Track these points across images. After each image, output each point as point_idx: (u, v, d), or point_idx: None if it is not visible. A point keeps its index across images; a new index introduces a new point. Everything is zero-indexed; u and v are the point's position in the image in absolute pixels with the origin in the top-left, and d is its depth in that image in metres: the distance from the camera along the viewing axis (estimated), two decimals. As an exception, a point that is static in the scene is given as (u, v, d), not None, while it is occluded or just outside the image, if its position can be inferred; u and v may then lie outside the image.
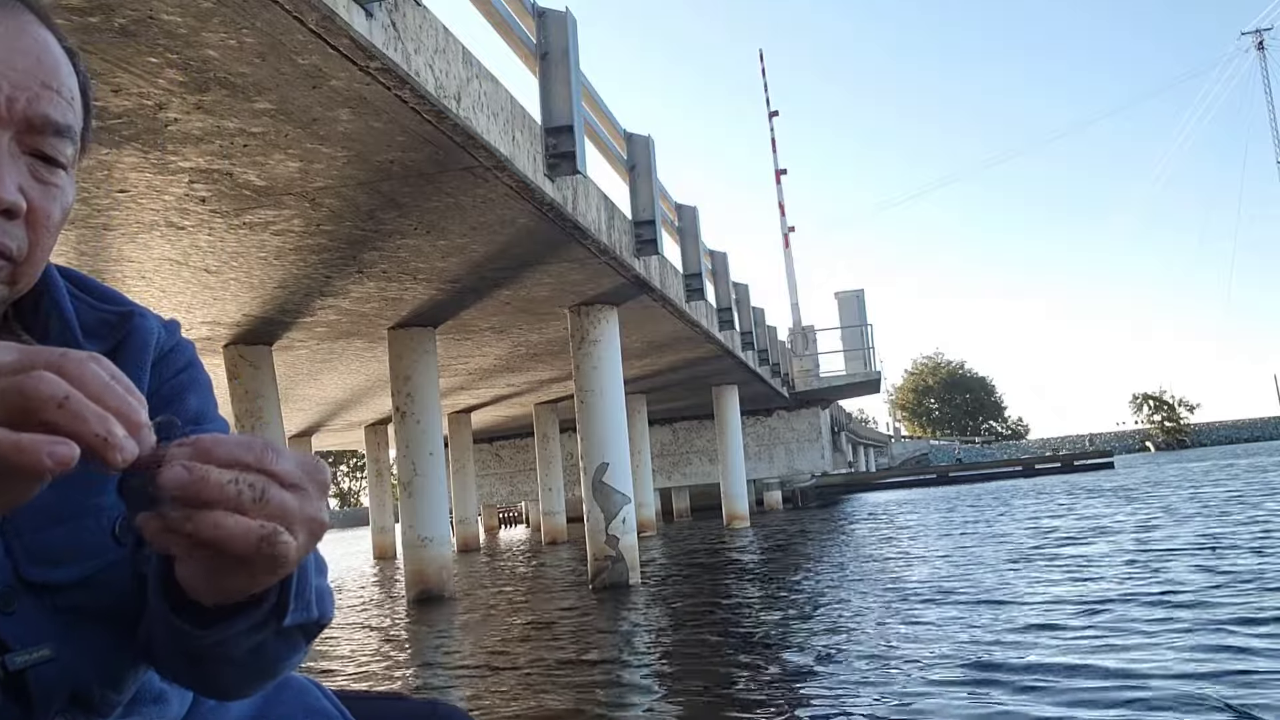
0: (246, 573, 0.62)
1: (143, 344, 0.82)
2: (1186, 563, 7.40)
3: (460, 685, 5.30)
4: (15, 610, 0.70)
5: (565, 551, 16.39)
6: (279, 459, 0.60)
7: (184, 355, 0.86)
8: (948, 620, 5.81)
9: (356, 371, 13.15)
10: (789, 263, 30.00)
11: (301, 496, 0.60)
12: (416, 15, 4.62)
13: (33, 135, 0.70)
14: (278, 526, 0.58)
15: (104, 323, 0.82)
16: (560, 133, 6.52)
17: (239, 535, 0.57)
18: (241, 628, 0.67)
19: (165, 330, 0.86)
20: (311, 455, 0.62)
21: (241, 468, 0.58)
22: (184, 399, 0.84)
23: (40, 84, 0.71)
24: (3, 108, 0.68)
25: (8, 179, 0.68)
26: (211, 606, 0.66)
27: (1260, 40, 71.71)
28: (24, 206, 0.69)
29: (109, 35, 3.83)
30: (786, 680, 4.65)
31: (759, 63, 40.24)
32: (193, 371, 0.86)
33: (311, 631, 0.74)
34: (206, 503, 0.56)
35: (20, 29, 0.70)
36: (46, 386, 0.51)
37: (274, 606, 0.68)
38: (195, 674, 0.74)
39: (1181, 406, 75.35)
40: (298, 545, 0.60)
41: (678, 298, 10.71)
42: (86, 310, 0.81)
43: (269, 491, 0.58)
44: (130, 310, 0.84)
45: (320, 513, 0.61)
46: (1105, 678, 4.04)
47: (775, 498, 24.74)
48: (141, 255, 6.88)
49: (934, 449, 71.01)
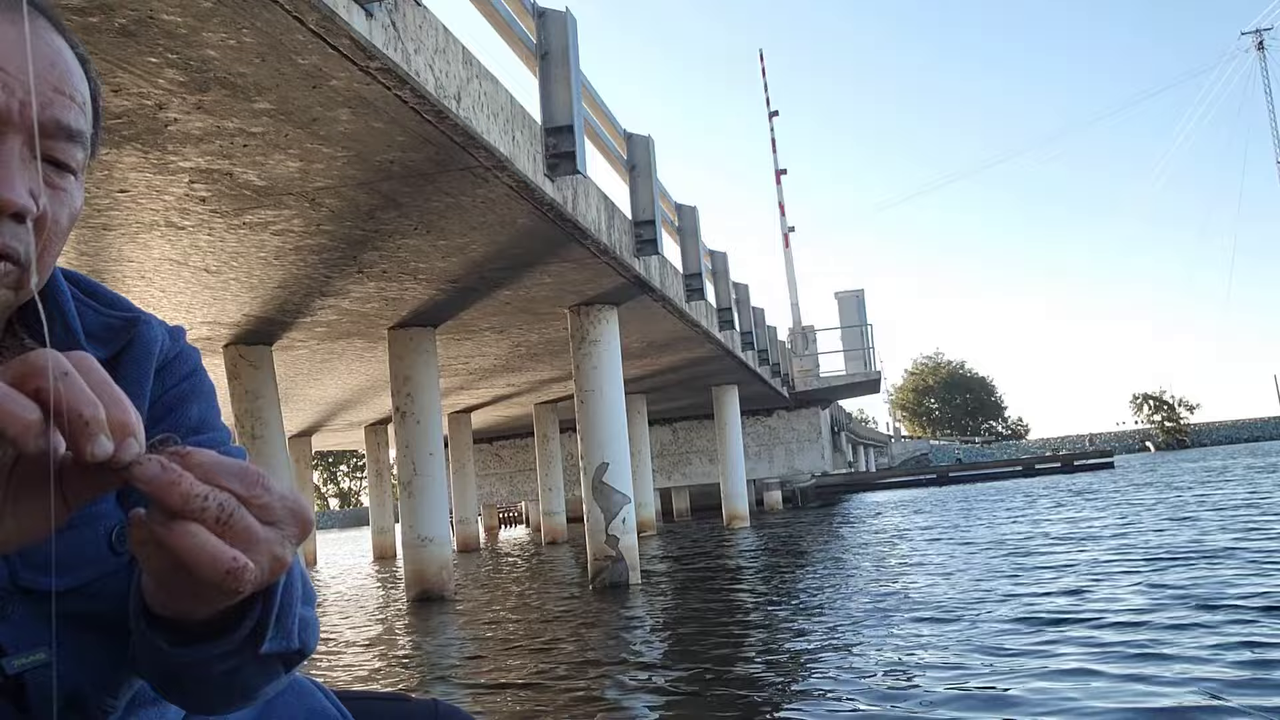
0: (199, 591, 0.61)
1: (146, 350, 0.83)
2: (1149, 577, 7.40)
3: (460, 685, 5.30)
4: (10, 615, 0.70)
5: (565, 551, 16.38)
6: (265, 493, 0.59)
7: (188, 363, 0.87)
8: (947, 621, 5.81)
9: (356, 371, 13.15)
10: (789, 263, 30.03)
11: (274, 532, 0.59)
12: (416, 15, 4.62)
13: (45, 140, 0.71)
14: (247, 562, 0.57)
15: (108, 328, 0.82)
16: (560, 133, 6.52)
17: (206, 558, 0.56)
18: (215, 652, 0.67)
19: (169, 337, 0.87)
20: (302, 499, 0.61)
21: (222, 488, 0.57)
22: (186, 406, 0.85)
23: (53, 90, 0.71)
24: (15, 114, 0.68)
25: (19, 183, 0.68)
26: (188, 626, 0.66)
27: (1260, 40, 71.74)
28: (34, 211, 0.70)
29: (109, 35, 3.83)
30: (786, 680, 4.65)
31: (759, 63, 40.18)
32: (196, 379, 0.87)
33: (292, 661, 0.73)
34: (172, 508, 0.56)
35: (35, 35, 0.71)
36: (51, 360, 0.53)
37: (250, 634, 0.67)
38: (173, 690, 0.74)
39: (1181, 406, 75.43)
40: (256, 577, 0.59)
41: (678, 298, 10.71)
42: (91, 315, 0.82)
43: (237, 515, 0.57)
44: (135, 316, 0.84)
45: (287, 555, 0.60)
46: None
47: (775, 498, 24.73)
48: (141, 255, 6.88)
49: (934, 449, 70.99)
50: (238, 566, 0.57)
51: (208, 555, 0.56)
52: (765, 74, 33.61)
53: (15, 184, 0.68)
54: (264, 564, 0.59)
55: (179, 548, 0.56)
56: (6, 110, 0.68)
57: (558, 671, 5.33)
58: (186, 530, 0.56)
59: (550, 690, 4.82)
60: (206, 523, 0.56)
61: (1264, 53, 71.32)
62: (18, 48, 0.69)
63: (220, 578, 0.57)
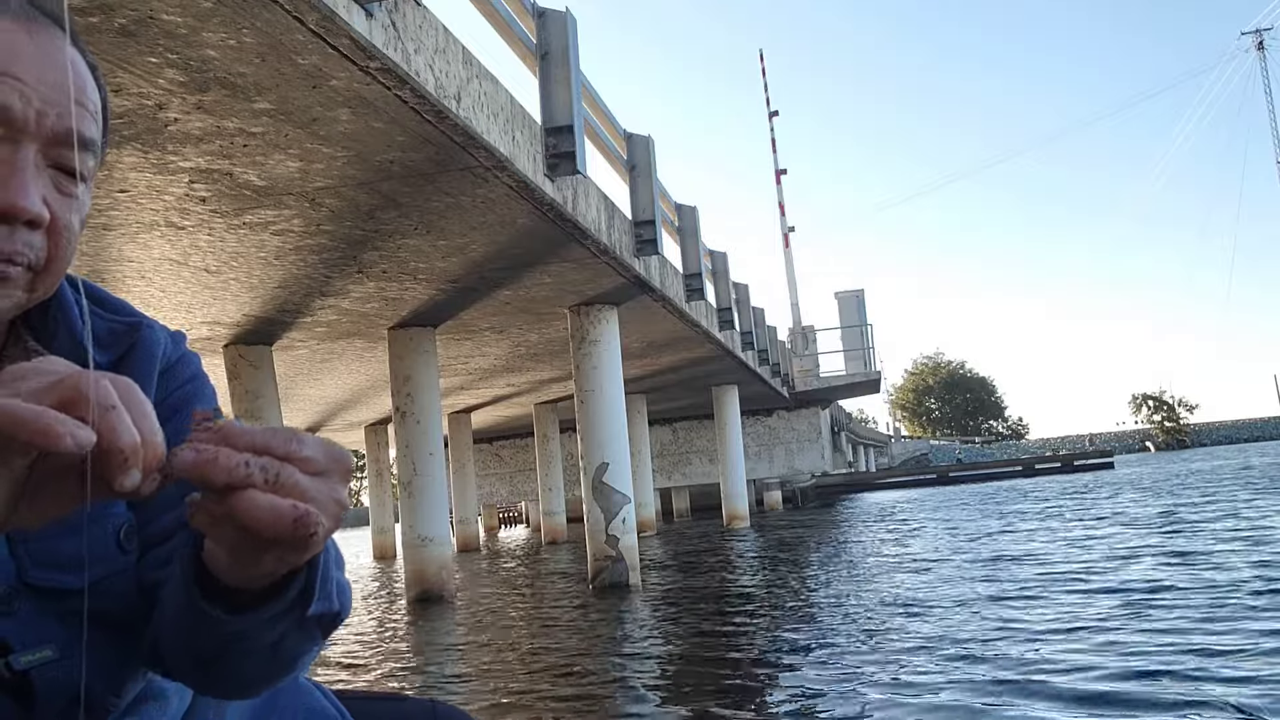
0: (275, 553, 0.63)
1: (149, 353, 0.85)
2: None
3: (460, 685, 5.30)
4: (17, 612, 0.72)
5: (565, 551, 16.38)
6: (302, 446, 0.61)
7: (190, 367, 0.89)
8: (943, 624, 5.82)
9: (356, 371, 13.15)
10: (789, 263, 30.04)
11: (323, 480, 0.61)
12: (416, 15, 4.62)
13: (58, 148, 0.73)
14: (309, 508, 0.59)
15: (112, 332, 0.84)
16: (560, 133, 6.52)
17: (269, 516, 0.58)
18: (269, 614, 0.68)
19: (171, 341, 0.89)
20: (336, 444, 0.63)
21: (261, 452, 0.59)
22: (192, 408, 0.86)
23: (68, 100, 0.73)
24: (32, 122, 0.71)
25: (33, 191, 0.71)
26: (239, 592, 0.68)
27: (1260, 40, 71.76)
28: (47, 218, 0.72)
29: (109, 35, 3.83)
30: (786, 680, 4.65)
31: (759, 63, 40.21)
32: (198, 383, 0.89)
33: (328, 625, 0.75)
34: (217, 484, 0.58)
35: (51, 47, 0.73)
36: (101, 391, 0.54)
37: (299, 594, 0.69)
38: (210, 672, 0.75)
39: (1181, 406, 75.43)
40: (325, 527, 0.61)
41: (678, 298, 10.71)
42: (96, 320, 0.83)
43: (284, 473, 0.59)
44: (138, 321, 0.86)
45: (342, 495, 0.62)
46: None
47: (775, 498, 24.73)
48: (141, 255, 6.88)
49: (934, 449, 70.97)
50: (301, 513, 0.59)
51: (269, 514, 0.58)
52: (765, 74, 33.67)
53: (30, 191, 0.70)
54: (327, 509, 0.61)
55: (240, 515, 0.58)
56: (23, 119, 0.70)
57: (557, 671, 5.33)
58: (241, 497, 0.58)
59: (550, 690, 4.82)
60: (256, 486, 0.58)
61: (1264, 53, 71.40)
62: (34, 59, 0.71)
63: (289, 530, 0.58)
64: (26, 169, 0.70)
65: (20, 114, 0.70)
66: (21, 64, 0.70)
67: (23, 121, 0.70)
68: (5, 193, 0.69)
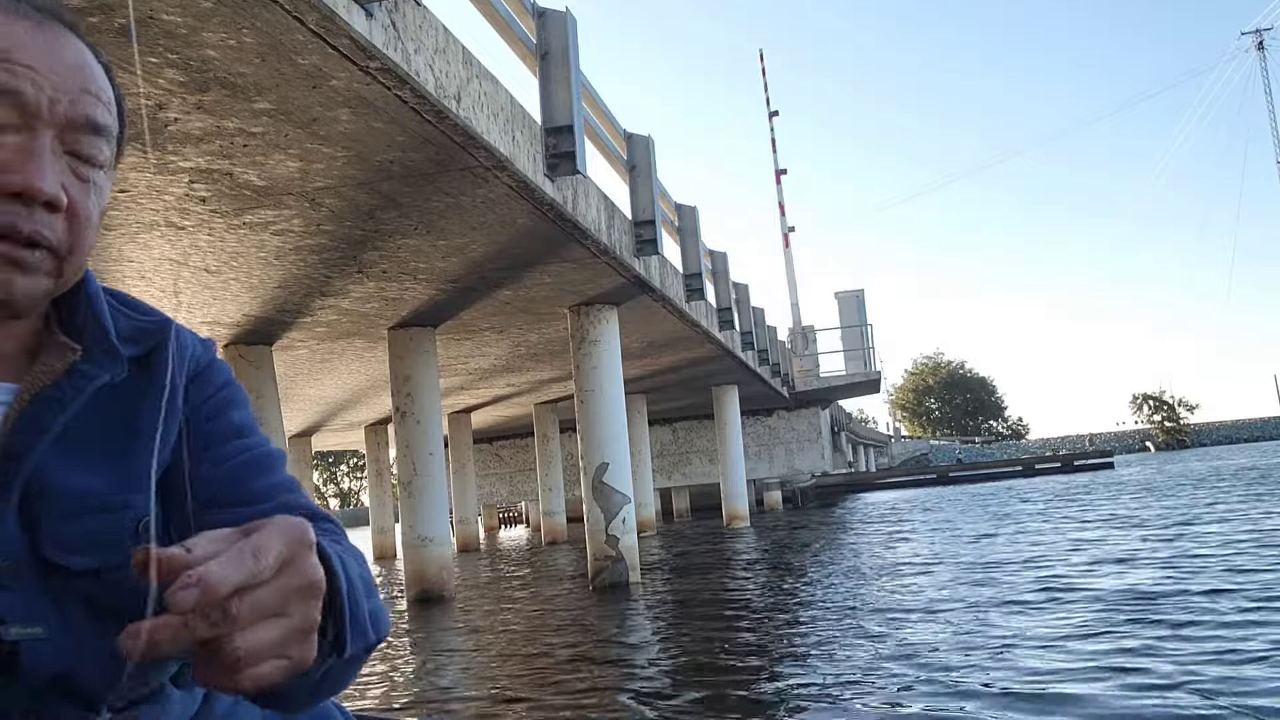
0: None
1: (179, 351, 0.86)
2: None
3: (459, 685, 5.30)
4: (17, 588, 0.72)
5: (565, 551, 16.38)
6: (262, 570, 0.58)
7: (223, 373, 0.91)
8: (941, 624, 5.82)
9: (356, 371, 13.15)
10: (789, 263, 30.03)
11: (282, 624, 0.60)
12: (416, 15, 4.62)
13: (73, 134, 0.75)
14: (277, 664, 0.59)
15: (140, 330, 0.85)
16: (560, 133, 6.52)
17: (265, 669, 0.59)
18: (308, 680, 0.69)
19: (202, 347, 0.91)
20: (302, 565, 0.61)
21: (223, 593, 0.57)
22: (228, 413, 0.88)
23: (79, 89, 0.76)
24: (45, 109, 0.73)
25: (50, 174, 0.73)
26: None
27: (1260, 40, 71.70)
28: (64, 201, 0.74)
29: (109, 35, 3.83)
30: (786, 680, 4.65)
31: (759, 63, 40.24)
32: (233, 389, 0.91)
33: (369, 651, 0.76)
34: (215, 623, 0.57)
35: (62, 41, 0.76)
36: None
37: (331, 643, 0.69)
38: (271, 701, 0.74)
39: (1181, 406, 75.40)
40: (296, 659, 0.61)
41: (678, 298, 10.71)
42: (124, 320, 0.85)
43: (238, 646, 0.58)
44: (167, 320, 0.87)
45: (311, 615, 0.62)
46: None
47: (775, 498, 24.72)
48: (141, 255, 6.88)
49: (934, 449, 70.95)
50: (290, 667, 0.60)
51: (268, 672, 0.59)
52: (765, 74, 33.63)
53: (47, 174, 0.72)
54: (292, 654, 0.60)
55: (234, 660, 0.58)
56: (37, 105, 0.72)
57: (558, 671, 5.33)
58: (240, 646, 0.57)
59: (550, 690, 4.82)
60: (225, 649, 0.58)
61: (1264, 53, 71.33)
62: (45, 49, 0.74)
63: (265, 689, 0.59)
64: (44, 154, 0.72)
65: (34, 100, 0.72)
66: (32, 53, 0.73)
67: (36, 107, 0.72)
68: (23, 175, 0.71)
